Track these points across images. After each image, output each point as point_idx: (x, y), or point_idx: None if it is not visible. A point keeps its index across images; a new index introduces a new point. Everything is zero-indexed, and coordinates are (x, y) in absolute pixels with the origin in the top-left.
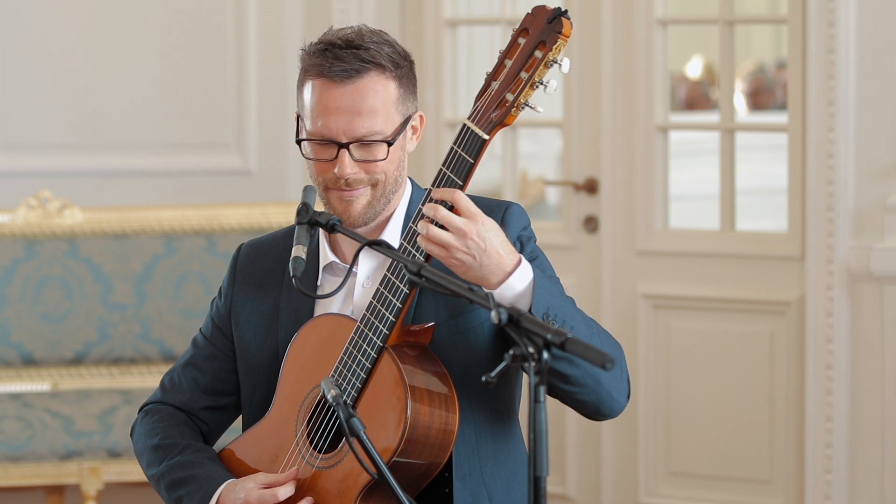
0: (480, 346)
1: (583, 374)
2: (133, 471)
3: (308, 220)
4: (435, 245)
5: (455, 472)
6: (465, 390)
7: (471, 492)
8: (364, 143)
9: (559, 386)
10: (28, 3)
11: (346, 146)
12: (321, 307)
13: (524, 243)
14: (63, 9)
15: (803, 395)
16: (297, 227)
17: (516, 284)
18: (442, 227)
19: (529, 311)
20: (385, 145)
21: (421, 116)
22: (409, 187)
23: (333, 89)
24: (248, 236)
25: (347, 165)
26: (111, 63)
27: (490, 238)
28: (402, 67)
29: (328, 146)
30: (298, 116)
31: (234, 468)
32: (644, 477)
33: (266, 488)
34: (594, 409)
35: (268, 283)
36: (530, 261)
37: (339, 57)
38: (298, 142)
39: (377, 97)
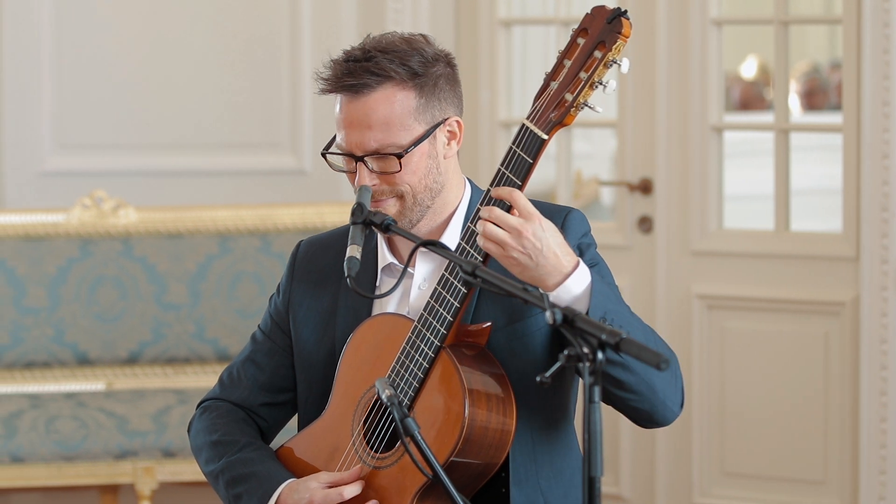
0: (537, 353)
1: (638, 380)
2: (187, 470)
3: (363, 219)
4: (491, 243)
5: (512, 477)
6: (521, 397)
7: (527, 497)
8: (378, 156)
9: (614, 392)
10: (83, 4)
11: (361, 159)
12: (378, 307)
13: (584, 250)
14: (117, 9)
15: (857, 396)
16: (351, 227)
17: (574, 287)
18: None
19: (587, 314)
20: (395, 158)
21: (458, 121)
22: (467, 189)
23: (347, 103)
24: (302, 236)
25: (365, 178)
26: (166, 63)
27: (546, 238)
28: (426, 76)
29: (349, 159)
30: None
31: (292, 467)
32: (698, 477)
33: (329, 487)
34: (647, 417)
35: (326, 280)
36: (592, 266)
37: (350, 71)
38: (323, 154)
39: (389, 109)
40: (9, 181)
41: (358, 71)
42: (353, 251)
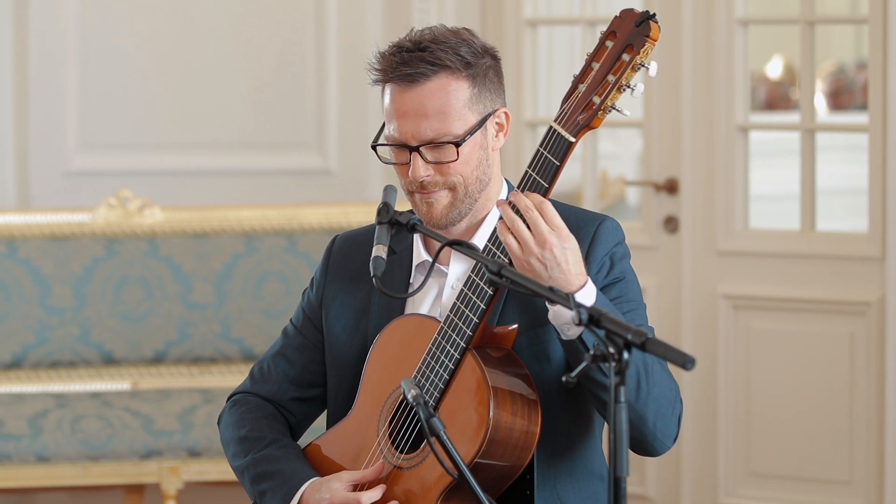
0: (559, 358)
1: (629, 410)
2: (213, 470)
3: (388, 219)
4: (512, 237)
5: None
6: (543, 402)
7: (544, 501)
8: (434, 145)
9: (602, 412)
10: (109, 4)
11: (416, 149)
12: (411, 306)
13: (615, 262)
14: (143, 10)
15: (883, 396)
16: (377, 227)
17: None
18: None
19: (580, 336)
20: (454, 147)
21: (506, 113)
22: (505, 188)
23: (401, 93)
24: (328, 236)
25: (420, 168)
26: (191, 62)
27: (568, 257)
28: (477, 66)
29: (402, 150)
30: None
31: (318, 465)
32: (724, 477)
33: (352, 487)
34: (638, 447)
35: (360, 276)
36: (616, 281)
37: (405, 61)
38: (374, 146)
39: (445, 99)
40: (35, 181)
41: (413, 60)
42: (379, 251)
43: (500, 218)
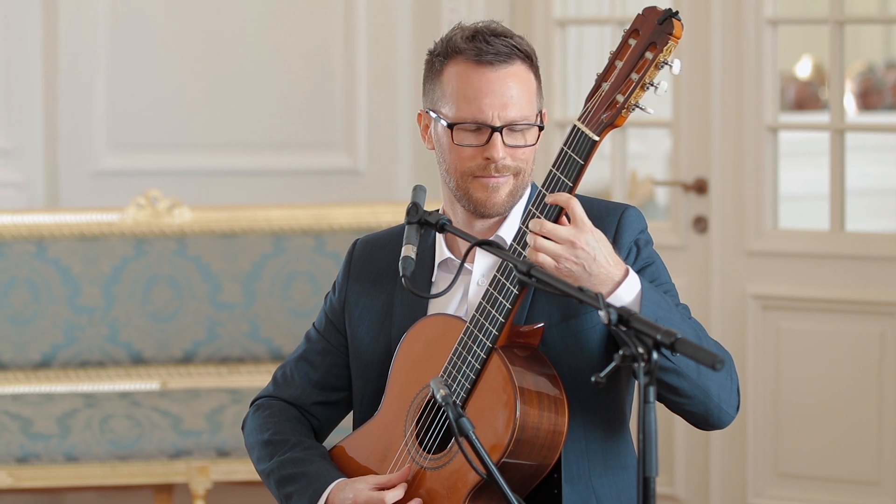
0: (592, 350)
1: (691, 385)
2: (241, 470)
3: (418, 219)
4: (543, 255)
5: (564, 474)
6: (575, 394)
7: (579, 495)
8: (514, 128)
9: (668, 397)
10: (138, 4)
11: (499, 129)
12: (435, 305)
13: (641, 247)
14: (172, 9)
15: None
16: (406, 227)
17: (624, 295)
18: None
19: None
20: (536, 129)
21: (545, 113)
22: (527, 191)
23: (487, 73)
24: (356, 236)
25: (500, 149)
26: (221, 62)
27: (598, 248)
28: (537, 62)
29: (479, 131)
30: (424, 113)
31: (345, 466)
32: (752, 478)
33: (377, 489)
34: (703, 420)
35: (382, 279)
36: (645, 266)
37: (491, 42)
38: (450, 125)
39: (527, 84)
40: (64, 180)
41: (498, 44)
42: (408, 251)
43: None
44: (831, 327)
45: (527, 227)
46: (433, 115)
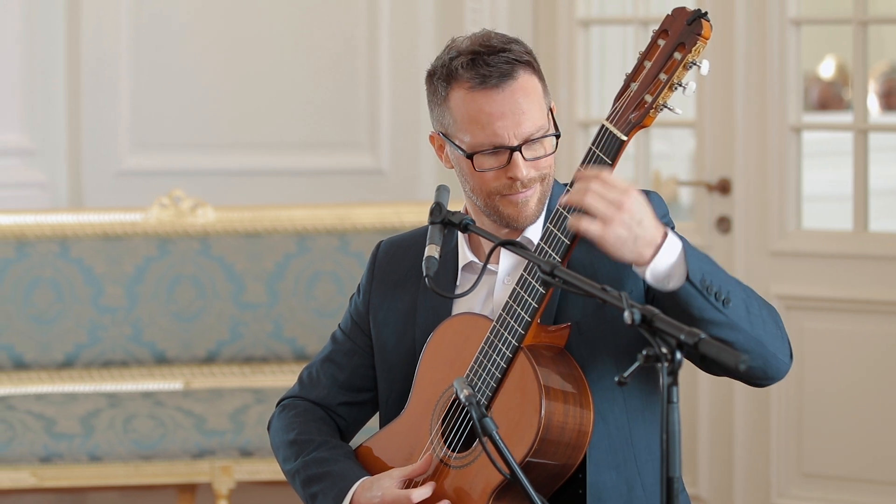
0: (631, 329)
1: (747, 338)
2: (265, 469)
3: (441, 219)
4: (589, 222)
5: (609, 462)
6: (617, 373)
7: (626, 481)
8: (533, 140)
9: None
10: (161, 3)
11: (517, 149)
12: (460, 306)
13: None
14: (195, 9)
15: None
16: (430, 227)
17: (669, 255)
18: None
19: (687, 278)
20: (554, 138)
21: (554, 107)
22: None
23: (494, 96)
24: (380, 236)
25: (523, 167)
26: (244, 62)
27: (643, 211)
28: (537, 62)
29: (498, 154)
30: (437, 136)
31: (370, 466)
32: (776, 478)
33: (402, 482)
34: (761, 374)
35: (406, 281)
36: None
37: (491, 63)
38: (469, 156)
39: (534, 93)
40: (87, 180)
41: (497, 62)
42: (432, 251)
43: (566, 212)
44: (855, 327)
45: (558, 217)
46: (447, 139)
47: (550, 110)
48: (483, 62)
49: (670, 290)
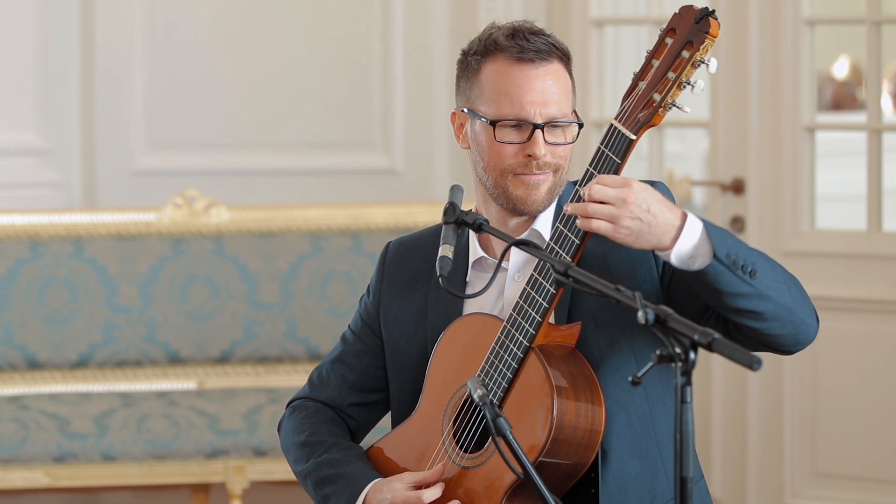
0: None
1: (776, 306)
2: (278, 469)
3: (455, 219)
4: (597, 221)
5: (633, 451)
6: (636, 361)
7: (649, 470)
8: (555, 125)
9: (753, 325)
10: (175, 4)
11: (541, 127)
12: (471, 305)
13: None
14: (209, 9)
15: None
16: (443, 227)
17: (691, 236)
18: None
19: (714, 255)
20: (576, 126)
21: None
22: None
23: (528, 71)
24: (394, 236)
25: (542, 146)
26: (258, 62)
27: (648, 198)
28: (571, 62)
29: (520, 128)
30: (459, 112)
31: (382, 466)
32: (790, 478)
33: (414, 487)
34: (792, 341)
35: (416, 281)
36: None
37: (531, 40)
38: (493, 123)
39: (564, 83)
40: (101, 180)
41: (540, 42)
42: (446, 251)
43: (572, 218)
44: (869, 327)
45: (566, 217)
46: (470, 113)
47: (574, 112)
48: (524, 36)
49: (696, 270)
